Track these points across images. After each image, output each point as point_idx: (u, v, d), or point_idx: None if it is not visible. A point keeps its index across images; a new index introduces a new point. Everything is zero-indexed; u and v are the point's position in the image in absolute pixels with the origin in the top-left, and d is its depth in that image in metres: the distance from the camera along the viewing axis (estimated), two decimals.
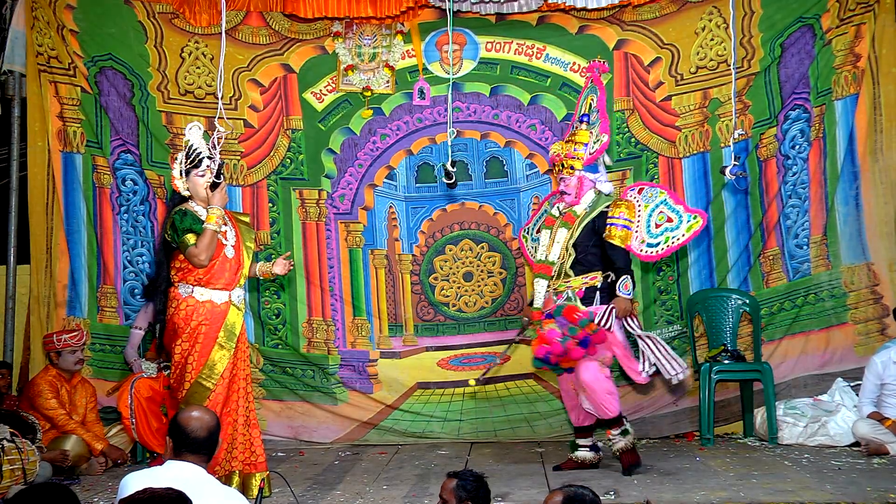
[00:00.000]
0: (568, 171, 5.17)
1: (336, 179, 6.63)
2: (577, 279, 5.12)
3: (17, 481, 4.67)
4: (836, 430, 5.66)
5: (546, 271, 5.18)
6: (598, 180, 5.26)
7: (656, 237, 5.06)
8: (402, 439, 6.39)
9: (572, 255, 5.13)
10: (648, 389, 6.33)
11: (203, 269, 4.53)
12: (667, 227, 5.06)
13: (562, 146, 5.25)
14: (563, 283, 5.13)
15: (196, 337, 4.53)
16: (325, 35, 6.59)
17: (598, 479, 4.83)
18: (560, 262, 5.15)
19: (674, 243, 5.04)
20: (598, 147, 5.20)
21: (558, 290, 5.14)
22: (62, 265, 6.35)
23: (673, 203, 5.11)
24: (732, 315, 6.17)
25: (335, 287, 6.59)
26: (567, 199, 5.22)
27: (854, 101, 6.26)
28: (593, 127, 5.24)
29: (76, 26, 6.34)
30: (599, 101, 5.31)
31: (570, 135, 5.30)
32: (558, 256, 5.15)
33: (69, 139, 6.41)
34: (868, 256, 6.26)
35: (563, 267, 5.14)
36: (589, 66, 5.49)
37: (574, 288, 5.11)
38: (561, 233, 5.17)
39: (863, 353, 6.10)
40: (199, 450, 3.12)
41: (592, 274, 5.13)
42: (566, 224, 5.18)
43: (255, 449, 4.69)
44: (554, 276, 5.16)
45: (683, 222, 5.04)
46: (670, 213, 5.08)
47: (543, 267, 5.19)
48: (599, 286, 5.11)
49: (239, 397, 4.65)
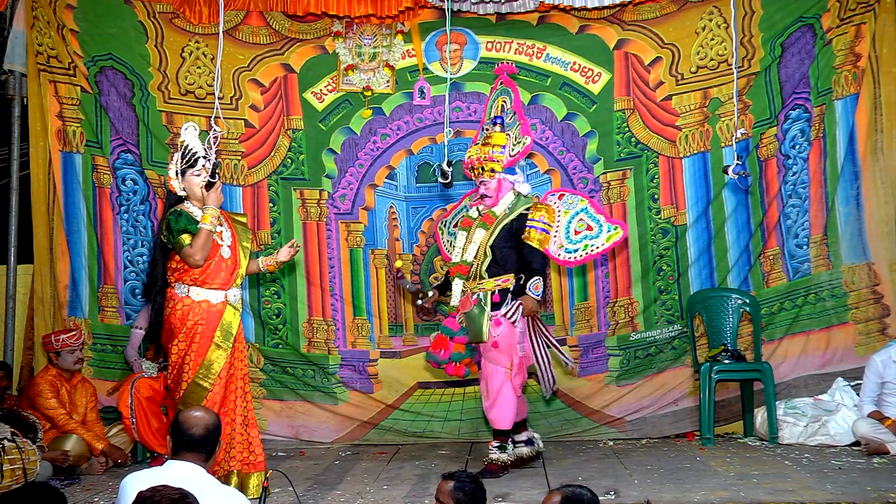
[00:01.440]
0: (488, 174, 5.19)
1: (337, 179, 6.63)
2: (490, 281, 5.15)
3: (17, 481, 4.67)
4: (836, 429, 5.66)
5: (463, 272, 5.21)
6: (517, 182, 5.30)
7: (575, 243, 5.12)
8: (403, 439, 6.39)
9: (489, 257, 5.17)
10: (647, 390, 6.36)
11: (199, 269, 4.54)
12: (586, 234, 5.13)
13: (479, 150, 5.24)
14: (477, 284, 5.17)
15: (192, 337, 4.54)
16: (325, 35, 6.59)
17: (598, 479, 4.83)
18: (477, 262, 5.18)
19: (593, 251, 5.11)
20: (520, 149, 5.24)
21: (472, 291, 5.17)
22: (63, 265, 6.35)
23: (593, 212, 5.18)
24: (733, 315, 6.17)
25: (335, 287, 6.59)
26: (487, 202, 5.24)
27: (854, 101, 6.26)
28: (511, 129, 5.27)
29: (76, 26, 6.34)
30: (515, 103, 5.36)
31: (485, 138, 5.29)
32: (475, 257, 5.18)
33: (69, 139, 6.41)
34: (868, 256, 6.26)
35: (479, 269, 5.17)
36: (497, 69, 5.53)
37: (487, 290, 5.14)
38: (479, 233, 5.21)
39: (863, 352, 6.10)
40: (196, 448, 3.12)
41: (505, 276, 5.16)
42: (485, 225, 5.21)
43: (254, 448, 4.70)
44: (470, 276, 5.19)
45: (603, 232, 5.11)
46: (590, 222, 5.15)
47: (461, 267, 5.21)
48: (512, 288, 5.15)
49: (237, 397, 4.66)
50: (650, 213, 6.47)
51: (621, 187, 6.49)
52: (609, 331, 6.47)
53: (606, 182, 6.49)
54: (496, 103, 5.41)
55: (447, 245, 5.63)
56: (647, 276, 6.44)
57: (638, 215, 6.48)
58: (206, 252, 4.52)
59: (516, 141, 5.23)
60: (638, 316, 6.44)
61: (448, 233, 5.69)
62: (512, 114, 5.31)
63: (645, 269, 6.44)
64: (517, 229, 5.15)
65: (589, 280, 6.50)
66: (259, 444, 4.74)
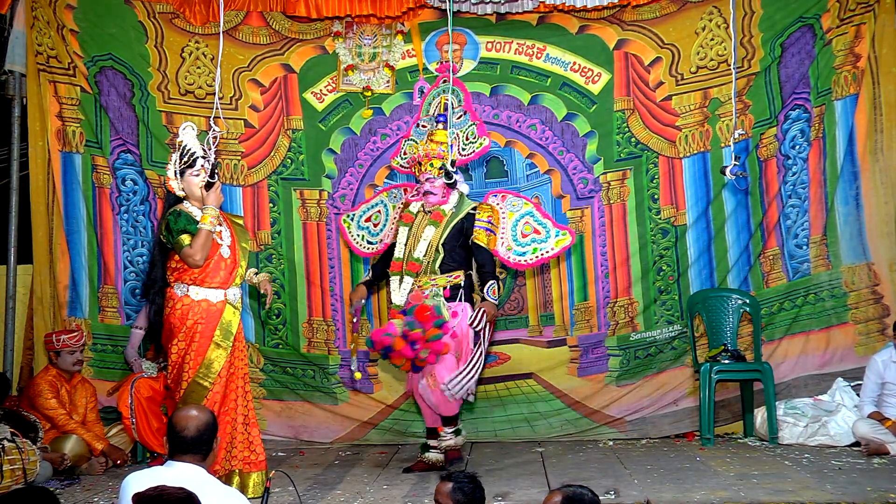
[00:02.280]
0: (437, 171, 5.23)
1: (337, 179, 6.63)
2: (443, 278, 5.20)
3: (17, 481, 4.67)
4: (836, 430, 5.66)
5: (414, 269, 5.20)
6: (458, 181, 5.35)
7: (523, 246, 5.21)
8: (403, 439, 6.39)
9: (441, 254, 5.20)
10: (647, 390, 6.36)
11: (199, 269, 4.54)
12: (534, 237, 5.24)
13: (423, 146, 5.29)
14: (429, 280, 5.18)
15: (192, 336, 4.54)
16: (325, 35, 6.59)
17: (598, 479, 4.83)
18: (427, 260, 5.20)
19: (544, 255, 5.22)
20: (476, 149, 5.31)
21: (422, 286, 5.18)
22: (62, 266, 6.35)
23: (540, 216, 5.30)
24: (732, 315, 6.17)
25: (335, 287, 6.59)
26: (431, 199, 5.27)
27: (854, 101, 6.26)
28: (460, 128, 5.31)
29: (76, 26, 6.34)
30: (467, 103, 5.42)
31: (429, 134, 5.35)
32: (424, 254, 5.20)
33: (68, 139, 6.40)
34: (868, 256, 6.26)
35: (431, 265, 5.19)
36: (439, 68, 5.56)
37: (440, 286, 5.17)
38: (429, 231, 5.22)
39: (863, 353, 6.10)
40: (190, 449, 3.11)
41: (456, 273, 5.22)
42: (434, 223, 5.24)
43: (255, 448, 4.70)
44: (421, 273, 5.20)
45: (552, 236, 5.23)
46: (537, 226, 5.25)
47: (411, 265, 5.21)
48: (462, 284, 5.21)
49: (237, 396, 4.66)
50: (650, 214, 6.47)
51: (621, 187, 6.49)
52: (609, 331, 6.47)
53: (606, 182, 6.49)
54: (437, 101, 5.46)
55: (357, 239, 5.67)
56: (647, 277, 6.44)
57: (638, 215, 6.48)
58: (205, 252, 4.52)
59: (471, 140, 5.29)
60: (638, 316, 6.44)
61: (359, 227, 5.71)
62: (462, 113, 5.37)
63: (645, 269, 6.44)
64: (466, 228, 5.23)
65: (589, 280, 6.50)
66: (260, 444, 4.74)
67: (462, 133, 5.34)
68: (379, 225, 5.68)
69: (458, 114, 5.36)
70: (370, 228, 5.69)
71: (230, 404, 4.62)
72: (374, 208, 5.74)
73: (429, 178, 5.26)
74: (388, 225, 5.62)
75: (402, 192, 5.67)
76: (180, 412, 3.23)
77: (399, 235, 5.34)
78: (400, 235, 5.33)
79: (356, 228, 5.73)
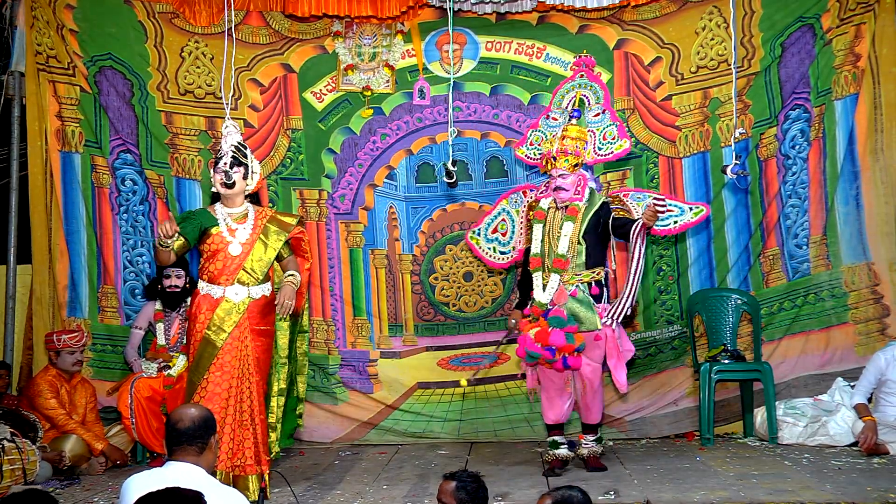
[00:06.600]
0: (571, 168, 5.15)
1: (336, 179, 6.63)
2: (588, 273, 5.12)
3: (17, 481, 4.67)
4: (836, 429, 5.65)
5: (561, 265, 5.11)
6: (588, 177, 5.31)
7: (663, 220, 5.09)
8: (403, 439, 6.39)
9: (583, 247, 5.12)
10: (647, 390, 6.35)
11: (209, 266, 4.71)
12: (670, 214, 5.11)
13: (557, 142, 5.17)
14: (574, 275, 5.11)
15: (195, 329, 4.70)
16: (325, 35, 6.59)
17: (598, 479, 4.84)
18: (571, 255, 5.11)
19: (687, 222, 5.11)
20: (617, 151, 5.23)
21: (567, 282, 5.10)
22: (62, 266, 6.35)
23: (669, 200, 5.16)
24: (732, 315, 6.17)
25: (335, 287, 6.59)
26: (563, 196, 5.16)
27: (854, 101, 6.26)
28: (599, 126, 5.25)
29: (76, 26, 6.34)
30: (606, 101, 5.33)
31: (563, 130, 5.24)
32: (567, 250, 5.11)
33: (67, 139, 6.40)
34: (868, 256, 6.26)
35: (575, 261, 5.12)
36: (576, 61, 5.51)
37: (585, 282, 5.11)
38: (567, 226, 5.12)
39: (863, 352, 6.10)
40: (184, 441, 3.11)
41: (598, 269, 5.15)
42: (571, 217, 5.13)
43: (259, 448, 4.68)
44: (567, 269, 5.11)
45: (687, 211, 5.13)
46: (670, 206, 5.12)
47: (557, 261, 5.11)
48: (604, 280, 5.17)
49: (245, 397, 4.63)
50: None
51: (621, 187, 6.48)
52: None
53: (606, 182, 6.49)
54: (572, 96, 5.37)
55: (489, 251, 5.60)
56: (646, 276, 6.43)
57: None
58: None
59: (609, 141, 5.23)
60: (638, 316, 6.43)
61: (487, 239, 5.63)
62: (600, 111, 5.29)
63: (645, 269, 6.43)
64: (602, 218, 5.13)
65: None
66: (264, 444, 4.71)
67: (599, 132, 5.26)
68: (507, 234, 5.60)
69: (595, 111, 5.29)
70: (499, 239, 5.59)
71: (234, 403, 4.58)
72: (498, 217, 5.64)
73: (562, 174, 5.14)
74: (516, 231, 5.56)
75: (520, 195, 5.59)
76: (177, 408, 3.31)
77: (534, 232, 5.22)
78: (535, 232, 5.21)
79: (485, 242, 5.65)
